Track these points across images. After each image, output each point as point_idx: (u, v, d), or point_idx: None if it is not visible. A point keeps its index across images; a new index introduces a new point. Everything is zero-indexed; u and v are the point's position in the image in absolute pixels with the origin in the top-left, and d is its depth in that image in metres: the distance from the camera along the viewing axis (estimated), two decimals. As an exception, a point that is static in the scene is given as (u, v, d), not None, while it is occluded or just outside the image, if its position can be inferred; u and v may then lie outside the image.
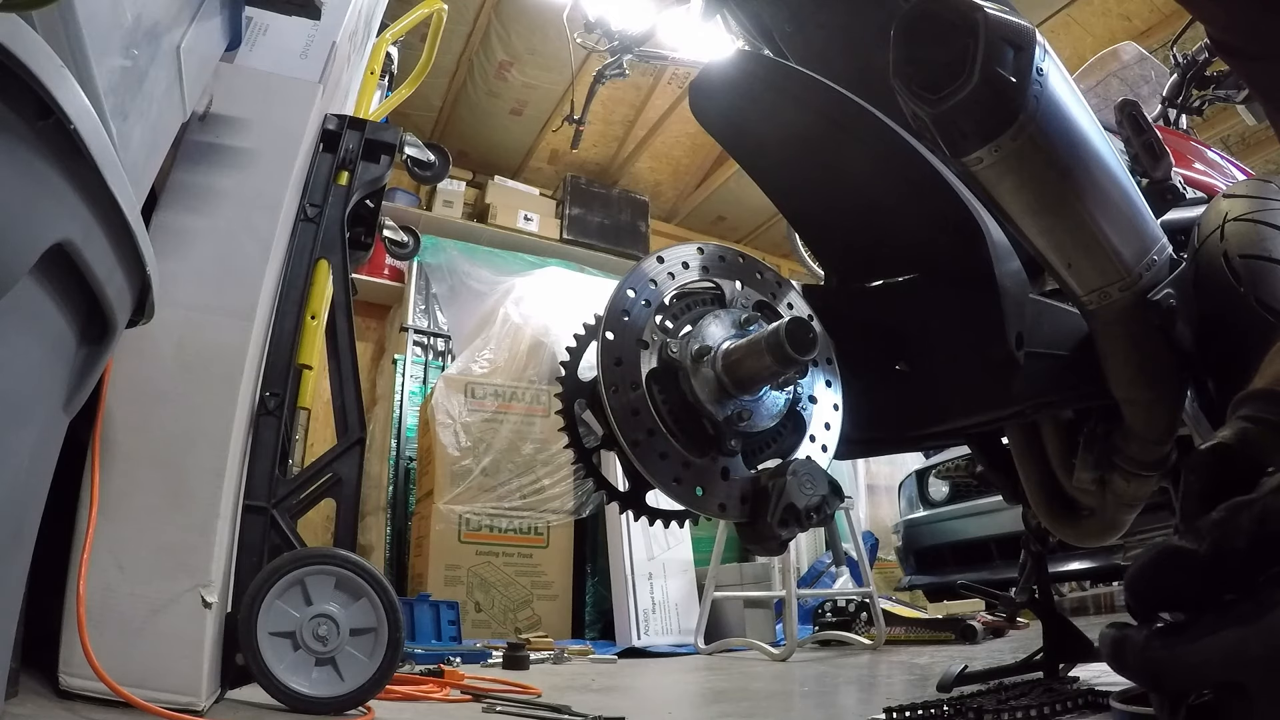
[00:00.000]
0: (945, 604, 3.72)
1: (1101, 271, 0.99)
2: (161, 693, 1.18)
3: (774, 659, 2.82)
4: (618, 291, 0.96)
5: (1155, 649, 0.45)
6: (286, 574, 1.34)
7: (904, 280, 1.18)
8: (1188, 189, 1.36)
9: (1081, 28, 4.32)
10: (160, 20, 0.97)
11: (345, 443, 1.55)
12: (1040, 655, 1.69)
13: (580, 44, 3.03)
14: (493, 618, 3.58)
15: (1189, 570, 0.44)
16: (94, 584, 1.19)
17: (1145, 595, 0.47)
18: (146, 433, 1.29)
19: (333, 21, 1.68)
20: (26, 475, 0.75)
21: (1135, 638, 0.46)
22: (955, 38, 0.84)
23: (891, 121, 1.00)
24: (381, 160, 1.74)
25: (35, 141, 0.61)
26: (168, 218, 1.39)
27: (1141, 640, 0.46)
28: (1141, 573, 0.47)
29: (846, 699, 1.92)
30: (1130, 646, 0.46)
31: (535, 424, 3.92)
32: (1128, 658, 0.46)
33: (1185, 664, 0.43)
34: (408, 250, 2.53)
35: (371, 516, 4.15)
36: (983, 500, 3.51)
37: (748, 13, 1.26)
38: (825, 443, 1.04)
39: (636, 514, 1.04)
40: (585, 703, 1.63)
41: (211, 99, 1.49)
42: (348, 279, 1.64)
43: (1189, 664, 0.43)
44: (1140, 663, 0.45)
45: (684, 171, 5.87)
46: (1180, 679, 0.44)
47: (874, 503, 5.44)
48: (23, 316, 0.66)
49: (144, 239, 0.83)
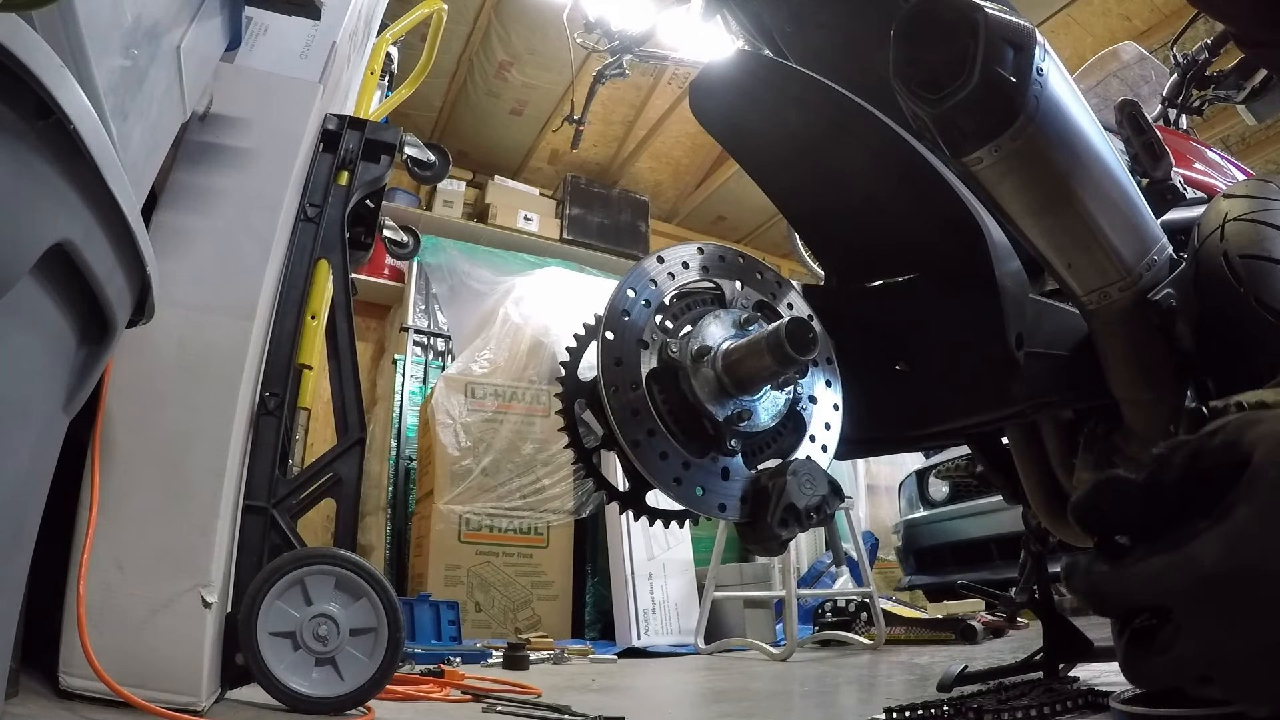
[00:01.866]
0: (945, 604, 3.72)
1: (1102, 271, 0.99)
2: (161, 693, 1.18)
3: (774, 659, 2.82)
4: (618, 291, 0.96)
5: (1096, 572, 0.47)
6: (286, 574, 1.34)
7: (904, 280, 1.18)
8: (1188, 189, 1.36)
9: (1081, 28, 4.33)
10: (160, 20, 0.97)
11: (345, 443, 1.55)
12: (1040, 655, 1.69)
13: (580, 44, 3.03)
14: (493, 618, 3.58)
15: (1128, 499, 0.47)
16: (94, 584, 1.19)
17: (1087, 520, 0.49)
18: (146, 433, 1.29)
19: (333, 21, 1.68)
20: (26, 475, 0.75)
21: (1082, 561, 0.48)
22: (955, 38, 0.84)
23: (891, 121, 1.00)
24: (381, 160, 1.74)
25: (35, 141, 0.61)
26: (168, 218, 1.39)
27: (1086, 564, 0.48)
28: (1084, 499, 0.49)
29: (846, 699, 1.92)
30: (1077, 570, 0.48)
31: (535, 424, 3.92)
32: (1074, 580, 0.48)
33: (1118, 588, 0.46)
34: (408, 250, 2.53)
35: (371, 516, 4.15)
36: (983, 500, 3.51)
37: (748, 13, 1.26)
38: (825, 443, 1.04)
39: (636, 514, 1.04)
40: (585, 703, 1.63)
41: (211, 99, 1.49)
42: (348, 279, 1.64)
43: (1121, 589, 0.46)
44: (1082, 585, 0.47)
45: (684, 171, 5.87)
46: (1114, 602, 0.46)
47: (874, 503, 5.44)
48: (23, 316, 0.66)
49: (144, 239, 0.83)
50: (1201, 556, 0.42)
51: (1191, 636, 0.43)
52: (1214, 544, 0.41)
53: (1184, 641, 0.43)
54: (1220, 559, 0.41)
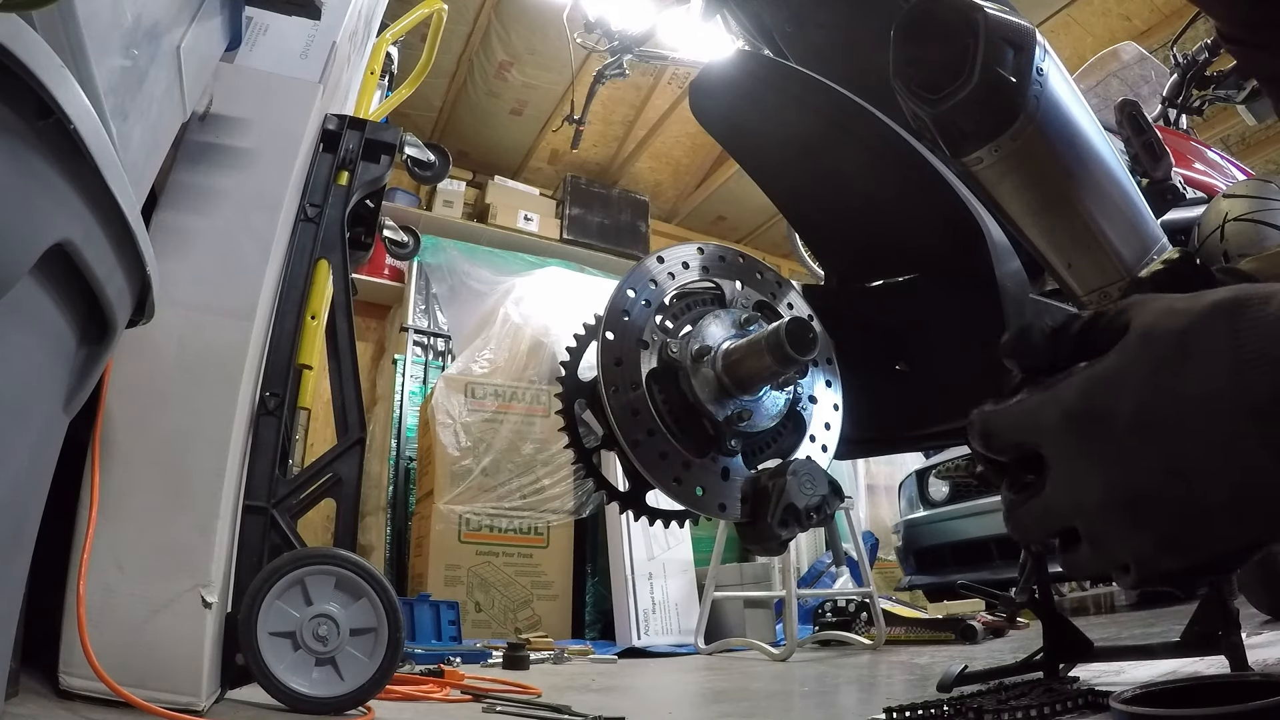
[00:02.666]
0: (945, 604, 3.72)
1: (1102, 271, 0.99)
2: (161, 693, 1.18)
3: (774, 659, 2.82)
4: (618, 291, 0.96)
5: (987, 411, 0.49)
6: (286, 574, 1.34)
7: (904, 280, 1.18)
8: (1188, 189, 1.36)
9: (1081, 28, 4.33)
10: (160, 20, 0.97)
11: (345, 443, 1.55)
12: (1040, 655, 1.69)
13: (580, 44, 3.04)
14: (493, 618, 3.58)
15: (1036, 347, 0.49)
16: (94, 584, 1.19)
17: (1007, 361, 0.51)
18: (146, 433, 1.29)
19: (333, 21, 1.68)
20: (26, 475, 0.75)
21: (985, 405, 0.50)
22: (955, 38, 0.84)
23: (891, 121, 1.00)
24: (381, 160, 1.74)
25: (35, 141, 0.61)
26: (168, 218, 1.39)
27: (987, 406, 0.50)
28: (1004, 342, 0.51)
29: (846, 699, 1.92)
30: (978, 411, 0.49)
31: (535, 424, 3.92)
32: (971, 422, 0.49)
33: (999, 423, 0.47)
34: (408, 250, 2.53)
35: (371, 516, 4.15)
36: (983, 500, 3.51)
37: (748, 13, 1.26)
38: (825, 443, 1.04)
39: (636, 514, 1.04)
40: (585, 703, 1.63)
41: (211, 99, 1.49)
42: (348, 279, 1.64)
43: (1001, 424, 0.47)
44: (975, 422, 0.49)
45: (684, 171, 5.87)
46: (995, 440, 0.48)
47: (874, 503, 5.43)
48: (23, 316, 0.66)
49: (144, 239, 0.83)
50: (1066, 395, 0.43)
51: (1057, 481, 0.44)
52: (1077, 384, 0.43)
53: (1051, 486, 0.44)
54: (1079, 398, 0.43)
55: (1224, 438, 0.38)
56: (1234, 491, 0.38)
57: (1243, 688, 0.85)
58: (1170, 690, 0.87)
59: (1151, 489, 0.40)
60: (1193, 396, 0.38)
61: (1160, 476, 0.40)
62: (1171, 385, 0.39)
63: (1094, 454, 0.42)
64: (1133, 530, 0.41)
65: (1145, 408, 0.40)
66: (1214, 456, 0.38)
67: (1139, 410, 0.40)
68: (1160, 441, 0.39)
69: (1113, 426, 0.41)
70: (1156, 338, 0.41)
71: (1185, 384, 0.39)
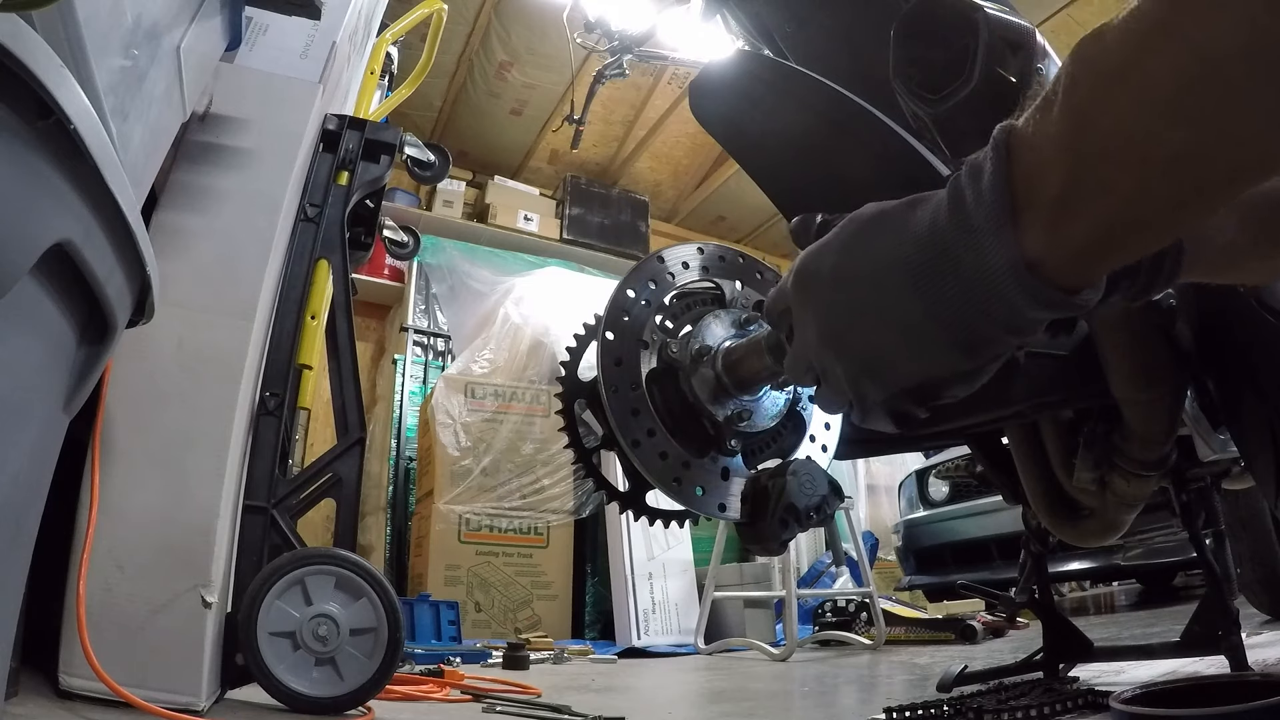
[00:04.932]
0: (945, 604, 3.72)
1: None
2: (161, 693, 1.18)
3: (774, 659, 2.82)
4: (618, 291, 0.96)
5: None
6: (286, 574, 1.34)
7: (904, 280, 1.18)
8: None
9: (1081, 28, 4.31)
10: (160, 20, 0.97)
11: (345, 443, 1.55)
12: (1040, 655, 1.69)
13: (580, 44, 3.04)
14: (493, 618, 3.58)
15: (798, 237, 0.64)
16: (94, 584, 1.19)
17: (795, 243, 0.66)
18: (146, 433, 1.29)
19: (333, 21, 1.68)
20: (26, 475, 0.75)
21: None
22: (955, 37, 0.84)
23: (891, 121, 1.00)
24: (381, 160, 1.74)
25: (35, 141, 0.61)
26: (168, 218, 1.39)
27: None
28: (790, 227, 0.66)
29: (846, 699, 1.92)
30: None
31: (535, 424, 3.92)
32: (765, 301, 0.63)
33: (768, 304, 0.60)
34: (408, 250, 2.53)
35: (371, 516, 4.15)
36: (983, 500, 3.51)
37: (748, 13, 1.26)
38: (825, 443, 1.04)
39: (636, 514, 1.04)
40: (585, 703, 1.63)
41: (211, 99, 1.49)
42: (348, 279, 1.65)
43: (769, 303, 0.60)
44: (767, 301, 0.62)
45: (684, 171, 5.87)
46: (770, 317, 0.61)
47: (874, 503, 5.43)
48: (23, 316, 0.66)
49: (144, 239, 0.83)
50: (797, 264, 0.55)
51: (796, 331, 0.55)
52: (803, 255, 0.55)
53: (795, 336, 0.56)
54: (800, 264, 0.54)
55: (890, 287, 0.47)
56: (901, 331, 0.48)
57: (1243, 688, 0.85)
58: (1170, 690, 0.88)
59: (842, 325, 0.51)
60: (869, 256, 0.49)
61: (848, 315, 0.50)
62: (855, 248, 0.51)
63: (808, 303, 0.53)
64: (837, 361, 0.51)
65: (838, 266, 0.51)
66: (883, 300, 0.48)
67: (835, 267, 0.51)
68: (847, 290, 0.50)
69: (819, 282, 0.52)
70: (856, 219, 0.52)
71: (866, 247, 0.50)
